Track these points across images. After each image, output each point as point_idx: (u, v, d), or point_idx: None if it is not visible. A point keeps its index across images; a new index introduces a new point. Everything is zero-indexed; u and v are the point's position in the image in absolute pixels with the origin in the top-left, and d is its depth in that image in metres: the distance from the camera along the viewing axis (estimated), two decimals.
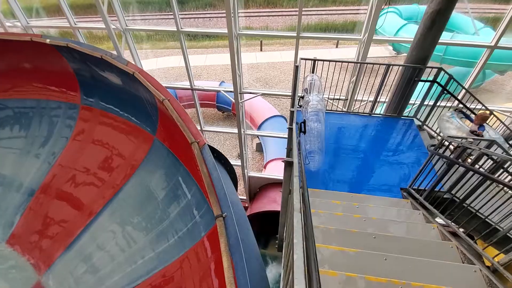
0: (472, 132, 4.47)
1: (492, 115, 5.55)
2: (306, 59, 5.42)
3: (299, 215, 0.96)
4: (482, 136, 4.37)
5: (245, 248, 2.34)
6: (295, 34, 5.63)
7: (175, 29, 5.93)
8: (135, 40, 6.57)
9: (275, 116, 11.23)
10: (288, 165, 1.91)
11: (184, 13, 17.41)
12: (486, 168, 4.00)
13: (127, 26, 6.19)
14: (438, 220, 3.54)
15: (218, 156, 3.42)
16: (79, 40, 6.71)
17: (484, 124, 4.59)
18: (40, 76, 5.55)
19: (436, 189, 3.70)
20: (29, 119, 5.86)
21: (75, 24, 6.47)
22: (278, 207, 8.05)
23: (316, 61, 5.36)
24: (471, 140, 3.22)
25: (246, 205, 9.74)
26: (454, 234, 3.17)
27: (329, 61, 5.32)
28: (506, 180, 3.53)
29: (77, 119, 5.56)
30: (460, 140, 3.33)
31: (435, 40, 4.58)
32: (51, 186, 5.54)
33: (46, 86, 5.58)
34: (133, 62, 6.67)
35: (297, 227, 0.88)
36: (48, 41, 4.53)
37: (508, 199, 2.73)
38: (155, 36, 17.64)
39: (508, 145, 4.66)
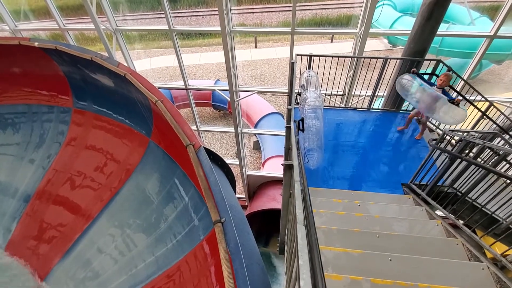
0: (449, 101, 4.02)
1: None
2: (302, 55, 5.32)
3: (303, 228, 0.88)
4: (458, 104, 3.94)
5: (245, 253, 2.25)
6: (290, 30, 5.52)
7: (167, 28, 5.79)
8: (127, 41, 6.42)
9: (272, 113, 11.13)
10: (288, 167, 1.81)
11: (176, 11, 17.18)
12: (487, 160, 3.94)
13: (117, 26, 6.05)
14: (441, 214, 3.47)
15: (215, 158, 3.33)
16: (69, 43, 6.56)
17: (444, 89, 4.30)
18: (31, 81, 5.42)
19: (438, 184, 3.63)
20: (21, 125, 5.75)
21: (64, 26, 6.32)
22: (277, 205, 7.99)
23: (312, 57, 5.26)
24: (474, 133, 3.15)
25: (246, 203, 9.67)
26: (457, 228, 3.10)
27: (326, 56, 5.22)
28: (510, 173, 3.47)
29: (70, 123, 5.44)
30: (462, 134, 3.26)
31: (433, 31, 4.48)
32: (46, 191, 5.45)
33: (36, 91, 5.45)
34: (125, 63, 6.54)
35: (302, 245, 0.79)
36: (36, 44, 4.41)
37: None
38: (148, 36, 17.41)
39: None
